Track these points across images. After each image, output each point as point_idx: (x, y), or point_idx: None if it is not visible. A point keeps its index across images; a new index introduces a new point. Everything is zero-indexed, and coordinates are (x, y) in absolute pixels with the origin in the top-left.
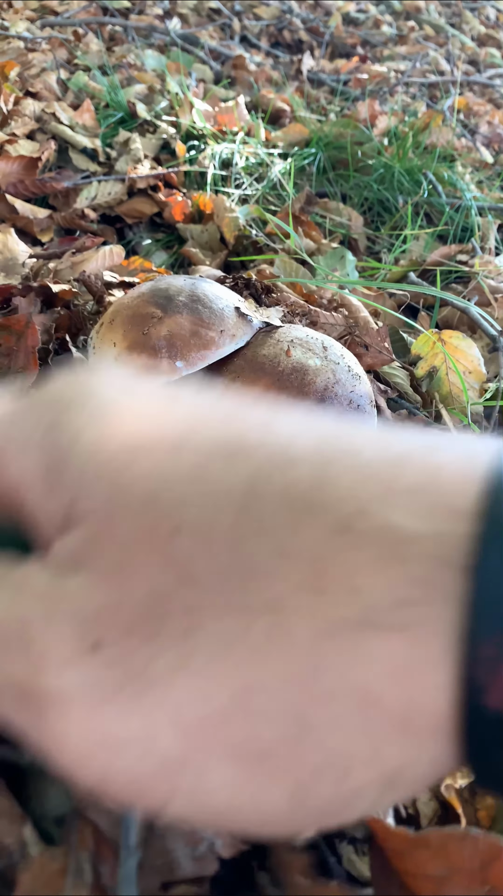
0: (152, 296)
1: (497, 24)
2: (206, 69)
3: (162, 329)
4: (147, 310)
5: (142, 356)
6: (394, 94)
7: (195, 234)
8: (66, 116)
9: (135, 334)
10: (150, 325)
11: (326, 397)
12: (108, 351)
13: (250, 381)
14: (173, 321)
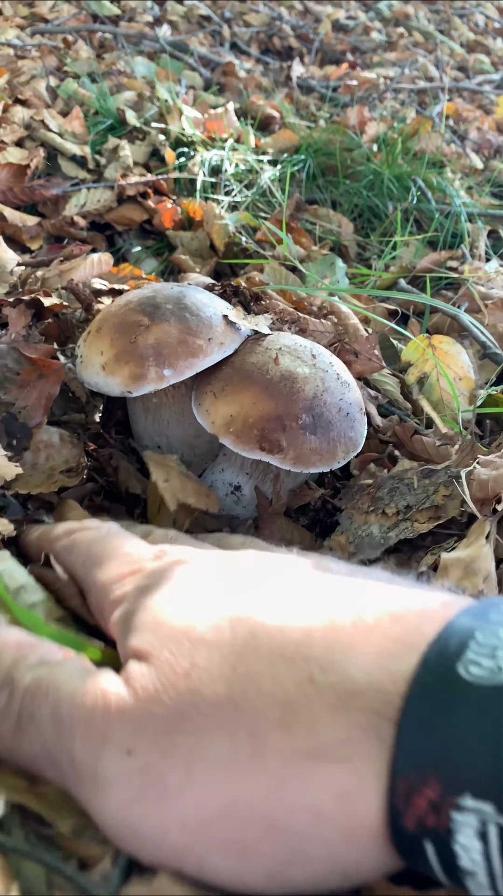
0: (139, 304)
1: (486, 30)
2: (195, 76)
3: (149, 337)
4: (134, 318)
5: (129, 365)
6: (383, 100)
7: (185, 241)
8: (55, 124)
9: (122, 343)
10: (137, 333)
11: (315, 405)
12: (96, 360)
13: (239, 390)
14: (161, 329)
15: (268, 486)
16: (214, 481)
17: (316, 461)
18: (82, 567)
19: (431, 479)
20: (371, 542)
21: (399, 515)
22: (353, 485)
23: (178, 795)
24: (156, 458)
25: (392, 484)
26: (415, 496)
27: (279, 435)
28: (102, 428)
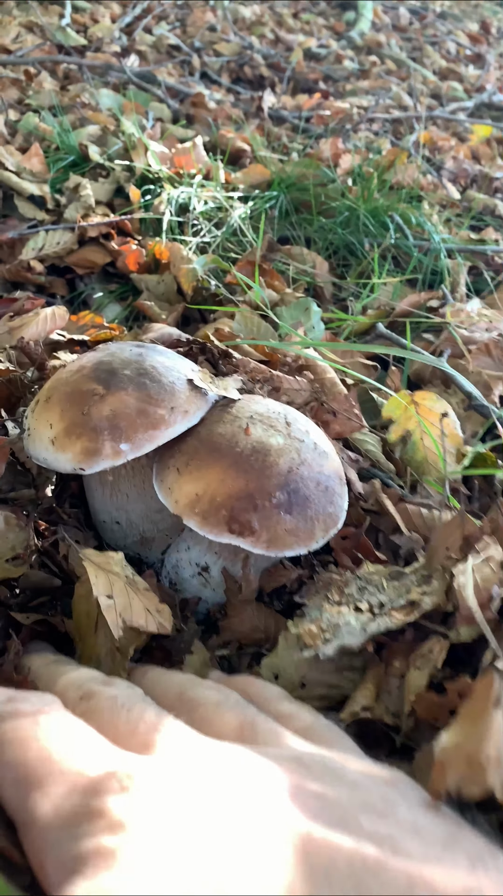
0: (94, 370)
1: (458, 57)
2: (163, 108)
3: (104, 408)
4: (87, 386)
5: (81, 439)
6: (357, 130)
7: (151, 286)
8: (12, 161)
9: (73, 414)
10: (90, 403)
11: (290, 480)
12: (44, 433)
13: (205, 465)
14: (117, 399)
15: (239, 566)
16: (179, 560)
17: (292, 543)
18: (13, 787)
19: (401, 582)
20: (351, 630)
21: (373, 611)
22: (317, 580)
23: None
24: (95, 558)
25: (359, 583)
26: (387, 595)
27: (250, 515)
28: (55, 502)
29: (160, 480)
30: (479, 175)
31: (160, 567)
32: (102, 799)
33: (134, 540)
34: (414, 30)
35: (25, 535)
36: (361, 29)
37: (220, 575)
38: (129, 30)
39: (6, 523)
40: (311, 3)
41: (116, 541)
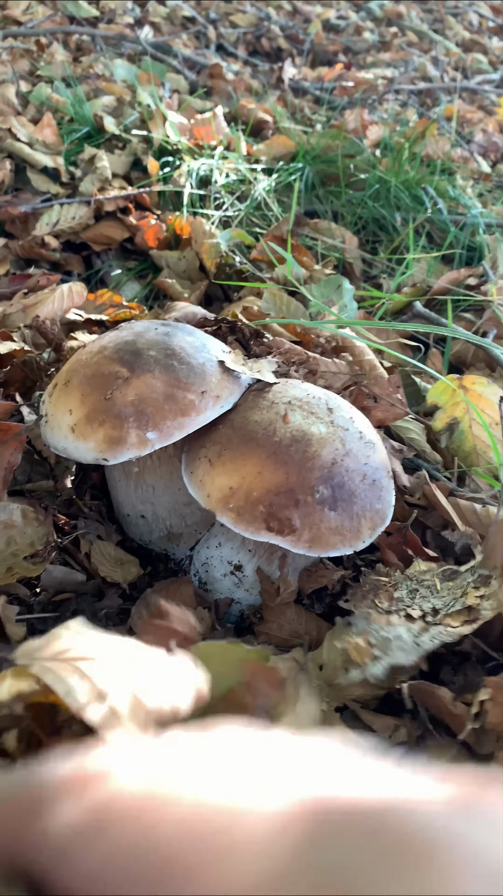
0: (117, 350)
1: (480, 29)
2: (180, 79)
3: (129, 392)
4: (110, 368)
5: (104, 426)
6: (383, 102)
7: (171, 262)
8: (24, 133)
9: (95, 399)
10: (113, 387)
11: (335, 473)
12: (63, 420)
13: (240, 456)
14: (143, 382)
15: (276, 566)
16: (210, 558)
17: (336, 542)
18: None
19: (456, 582)
20: (402, 645)
21: (426, 618)
22: (363, 583)
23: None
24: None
25: (410, 585)
26: (441, 599)
27: (290, 512)
28: (75, 493)
29: (190, 472)
30: None
31: (188, 564)
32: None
33: (160, 535)
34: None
35: (45, 530)
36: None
37: (254, 574)
38: (142, 2)
39: (24, 517)
40: None
41: (141, 536)
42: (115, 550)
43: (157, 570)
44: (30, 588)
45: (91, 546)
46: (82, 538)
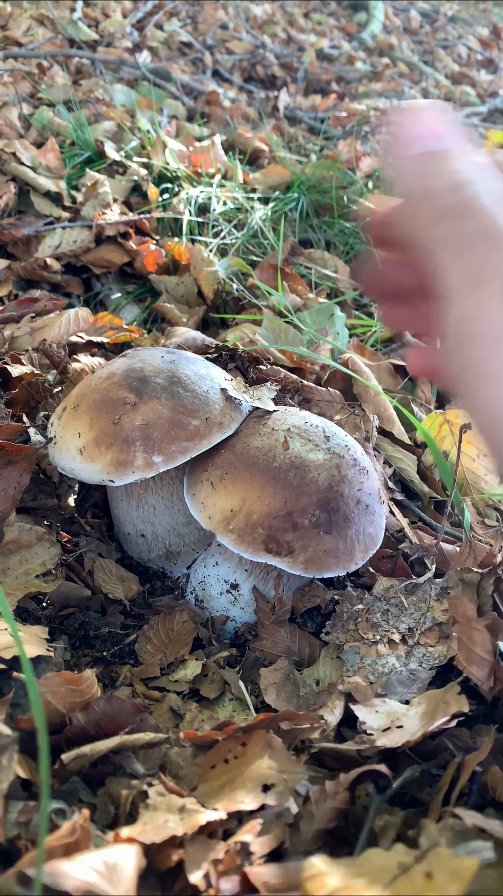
0: (125, 377)
1: (469, 61)
2: (178, 105)
3: (136, 417)
4: (118, 394)
5: (112, 449)
6: (376, 133)
7: (170, 287)
8: (27, 156)
9: (103, 423)
10: (121, 412)
11: (330, 498)
12: (72, 442)
13: (241, 480)
14: (149, 408)
15: (271, 585)
16: (207, 576)
17: (331, 564)
18: None
19: (418, 595)
20: (400, 678)
21: (407, 642)
22: (341, 612)
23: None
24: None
25: (381, 606)
26: (411, 616)
27: (288, 534)
28: (77, 512)
29: (192, 494)
30: None
31: (185, 582)
32: None
33: (159, 553)
34: (425, 33)
35: (56, 550)
36: (373, 31)
37: (250, 593)
38: (140, 25)
39: (37, 539)
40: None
41: (140, 554)
42: (117, 568)
43: (154, 587)
44: (37, 602)
45: (94, 563)
46: (85, 556)
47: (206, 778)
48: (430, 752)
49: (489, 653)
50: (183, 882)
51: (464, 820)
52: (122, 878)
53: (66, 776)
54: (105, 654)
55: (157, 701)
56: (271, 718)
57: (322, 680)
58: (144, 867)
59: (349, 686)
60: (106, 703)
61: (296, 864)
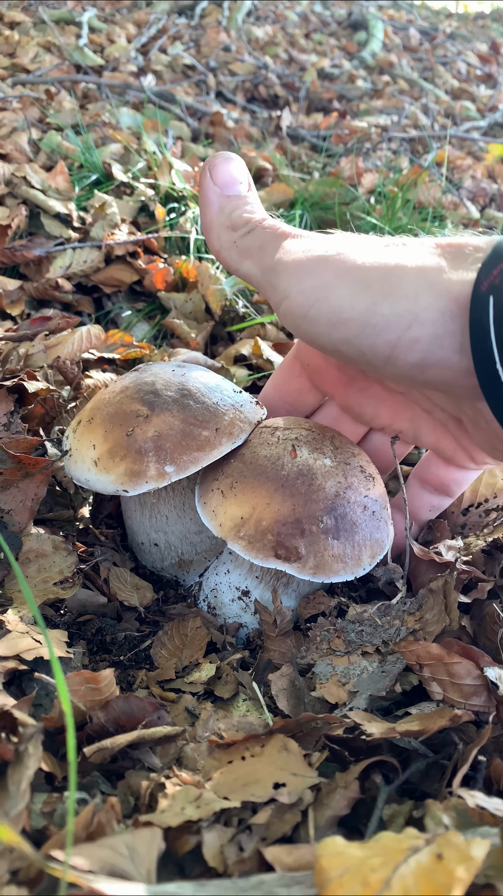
0: (138, 391)
1: (468, 77)
2: (183, 126)
3: (149, 429)
4: (131, 407)
5: (125, 460)
6: (377, 149)
7: (179, 304)
8: (37, 179)
9: (117, 435)
10: (134, 424)
11: (338, 505)
12: (87, 454)
13: (250, 488)
14: (161, 420)
15: (282, 590)
16: (219, 584)
17: (339, 569)
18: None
19: (393, 615)
20: (373, 676)
21: (380, 652)
22: (314, 636)
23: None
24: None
25: (354, 628)
26: (387, 632)
27: (297, 541)
28: (92, 523)
29: (203, 503)
30: (498, 194)
31: (197, 590)
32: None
33: (172, 562)
34: (424, 50)
35: (73, 558)
36: (373, 49)
37: (261, 599)
38: (144, 50)
39: (54, 548)
40: (323, 24)
41: (153, 563)
42: (131, 576)
43: (168, 595)
44: (55, 609)
45: (109, 572)
46: (101, 564)
47: (221, 771)
48: (438, 744)
49: (478, 678)
50: (202, 866)
51: (467, 801)
52: (143, 860)
53: (88, 770)
54: (122, 659)
55: (173, 702)
56: (293, 724)
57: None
58: (163, 851)
59: (321, 692)
60: (124, 701)
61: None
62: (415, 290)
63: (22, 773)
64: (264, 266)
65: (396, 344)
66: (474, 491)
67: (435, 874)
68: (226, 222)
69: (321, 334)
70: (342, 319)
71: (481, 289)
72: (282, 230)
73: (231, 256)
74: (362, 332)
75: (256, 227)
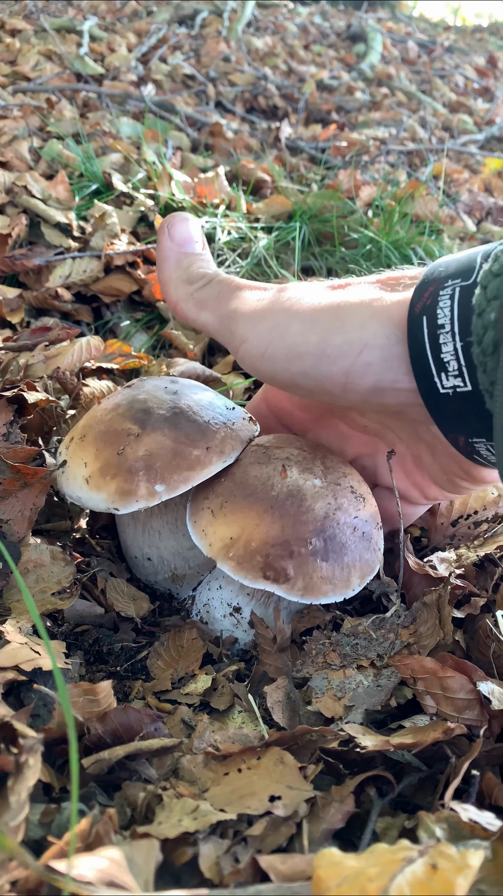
0: (129, 409)
1: (466, 90)
2: (182, 136)
3: (139, 448)
4: (123, 425)
5: (116, 479)
6: (375, 162)
7: None
8: (38, 188)
9: (108, 454)
10: (125, 443)
11: (327, 526)
12: (79, 471)
13: (240, 508)
14: (152, 439)
15: (272, 609)
16: (211, 599)
17: (328, 591)
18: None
19: (387, 627)
20: (368, 691)
21: (375, 665)
22: (309, 650)
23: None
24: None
25: (350, 641)
26: (381, 645)
27: (286, 562)
28: (88, 534)
29: (194, 522)
30: (494, 207)
31: (191, 604)
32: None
33: (165, 576)
34: (422, 63)
35: (71, 569)
36: (371, 61)
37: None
38: (144, 59)
39: (52, 557)
40: (322, 36)
41: (147, 576)
42: (128, 587)
43: (162, 608)
44: (52, 620)
45: (106, 583)
46: (98, 575)
47: (218, 782)
48: (431, 758)
49: (471, 692)
50: (198, 877)
51: (460, 814)
52: (141, 870)
53: (85, 781)
54: (118, 670)
55: (170, 713)
56: (288, 737)
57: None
58: (161, 862)
59: (318, 706)
60: (122, 712)
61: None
62: (361, 321)
63: (21, 784)
64: (221, 315)
65: (350, 370)
66: (463, 503)
67: (431, 883)
68: (183, 276)
69: (280, 370)
70: (298, 353)
71: (415, 311)
72: (236, 282)
73: (188, 308)
74: (318, 364)
75: (212, 280)
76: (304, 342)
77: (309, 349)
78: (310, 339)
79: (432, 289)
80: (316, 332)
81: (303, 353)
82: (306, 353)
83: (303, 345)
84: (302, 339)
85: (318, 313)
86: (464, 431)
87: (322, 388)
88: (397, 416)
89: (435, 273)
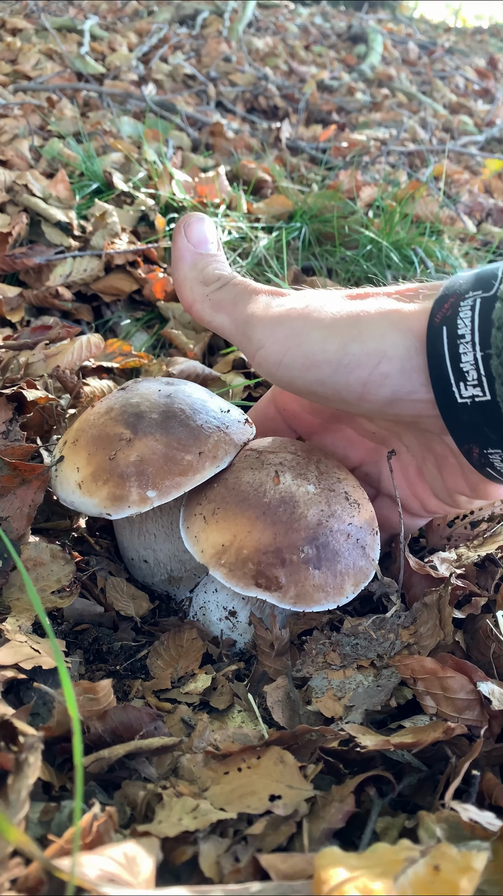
0: (121, 412)
1: (466, 91)
2: (183, 136)
3: (131, 453)
4: (115, 430)
5: (108, 485)
6: (376, 163)
7: (177, 314)
8: (38, 187)
9: (100, 459)
10: (117, 448)
11: (319, 534)
12: (71, 476)
13: (232, 515)
14: (144, 444)
15: (267, 613)
16: (207, 602)
17: (321, 599)
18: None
19: (387, 628)
20: (368, 691)
21: (376, 665)
22: (309, 650)
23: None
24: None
25: (350, 641)
26: (381, 646)
27: (277, 570)
28: (87, 532)
29: (186, 527)
30: (494, 209)
31: (188, 606)
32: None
33: (161, 578)
34: (423, 64)
35: (71, 567)
36: (372, 62)
37: (247, 620)
38: (145, 59)
39: (52, 556)
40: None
41: (144, 578)
42: (128, 586)
43: (161, 607)
44: (52, 618)
45: (106, 582)
46: (98, 574)
47: (218, 781)
48: (431, 758)
49: (471, 692)
50: (198, 876)
51: (461, 814)
52: (141, 869)
53: (85, 779)
54: (118, 668)
55: (169, 712)
56: (289, 736)
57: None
58: (161, 860)
59: (318, 706)
60: (122, 711)
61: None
62: (380, 331)
63: (22, 782)
64: (237, 319)
65: (367, 380)
66: None
67: (433, 885)
68: (198, 277)
69: (297, 378)
70: (315, 362)
71: (435, 321)
72: (253, 286)
73: (204, 309)
74: (335, 372)
75: (228, 283)
76: (323, 351)
77: (327, 358)
78: (329, 348)
79: (453, 300)
80: (334, 341)
81: (320, 362)
82: (324, 362)
83: (321, 353)
84: (320, 348)
85: (337, 322)
86: (478, 442)
87: (338, 397)
88: (410, 426)
89: (455, 285)
